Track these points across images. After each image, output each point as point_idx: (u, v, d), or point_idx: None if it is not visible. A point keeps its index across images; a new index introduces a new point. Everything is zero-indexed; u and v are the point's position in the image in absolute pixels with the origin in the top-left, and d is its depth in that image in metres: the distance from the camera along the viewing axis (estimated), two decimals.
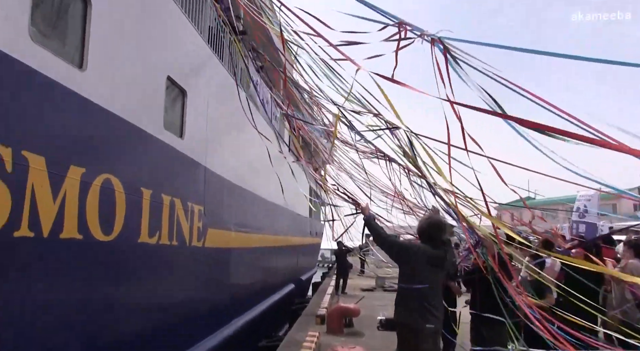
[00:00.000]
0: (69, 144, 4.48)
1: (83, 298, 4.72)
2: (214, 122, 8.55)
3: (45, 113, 4.18)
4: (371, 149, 9.46)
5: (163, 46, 6.62)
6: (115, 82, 5.31)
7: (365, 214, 5.22)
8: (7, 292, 3.74)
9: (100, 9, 5.00)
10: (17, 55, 3.80)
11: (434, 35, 4.32)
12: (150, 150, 6.07)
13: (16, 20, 3.87)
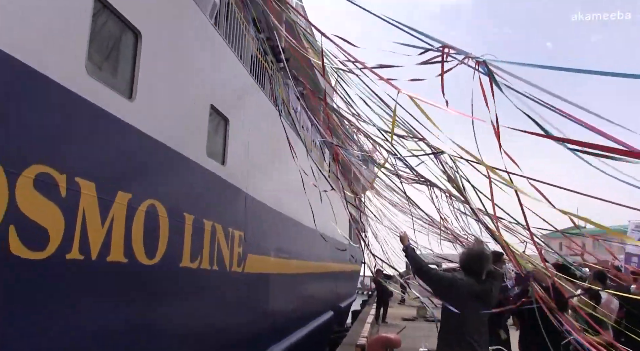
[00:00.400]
0: (117, 171, 4.68)
1: (126, 320, 4.85)
2: (255, 149, 8.73)
3: (96, 141, 4.39)
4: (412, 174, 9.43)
5: (207, 76, 6.87)
6: (161, 111, 5.54)
7: (404, 244, 5.07)
8: (57, 313, 3.90)
9: (150, 41, 5.25)
10: (73, 88, 4.04)
11: (478, 58, 4.34)
12: (193, 177, 6.25)
13: (75, 55, 4.12)
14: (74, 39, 4.14)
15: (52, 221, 3.75)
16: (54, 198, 3.79)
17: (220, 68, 7.45)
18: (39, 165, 3.66)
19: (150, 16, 5.34)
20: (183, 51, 6.16)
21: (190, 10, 6.36)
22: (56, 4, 3.95)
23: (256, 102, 9.11)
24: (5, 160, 3.35)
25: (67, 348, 4.04)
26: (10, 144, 3.45)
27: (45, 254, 3.70)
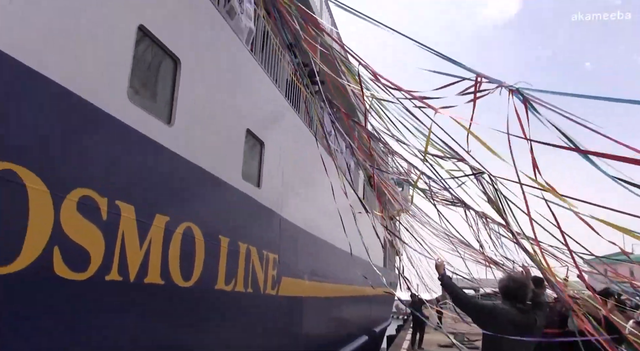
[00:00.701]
0: (155, 194, 4.80)
1: (162, 341, 4.91)
2: (290, 171, 8.81)
3: (136, 165, 4.53)
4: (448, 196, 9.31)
5: (243, 100, 7.01)
6: (199, 135, 5.67)
7: (439, 272, 4.93)
8: (96, 332, 3.98)
9: (188, 67, 5.42)
10: (116, 114, 4.19)
11: (512, 86, 4.34)
12: (229, 200, 6.35)
13: (118, 82, 4.29)
14: (117, 66, 4.31)
15: (94, 243, 3.87)
16: (96, 221, 3.91)
17: (256, 92, 7.59)
18: (82, 189, 3.79)
19: (189, 43, 5.51)
20: (220, 76, 6.32)
21: (227, 36, 6.54)
22: (102, 33, 4.12)
23: (291, 125, 9.22)
24: (52, 184, 3.49)
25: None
26: (56, 169, 3.59)
27: (86, 275, 3.81)
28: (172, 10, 5.28)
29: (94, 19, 4.04)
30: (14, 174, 3.20)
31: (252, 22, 7.41)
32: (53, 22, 3.62)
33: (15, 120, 3.29)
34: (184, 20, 5.51)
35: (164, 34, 5.00)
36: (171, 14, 5.25)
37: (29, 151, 3.38)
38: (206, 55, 5.97)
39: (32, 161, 3.36)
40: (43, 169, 3.44)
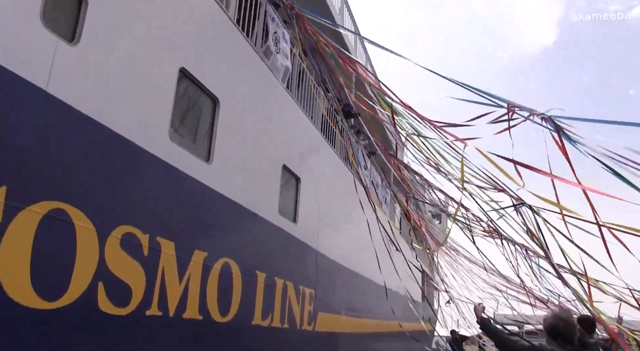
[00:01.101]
0: (194, 230, 4.92)
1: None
2: (326, 206, 8.87)
3: (177, 202, 4.67)
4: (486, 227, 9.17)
5: (280, 137, 7.17)
6: (236, 172, 5.82)
7: (477, 316, 4.76)
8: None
9: (227, 106, 5.60)
10: (157, 153, 4.36)
11: (544, 114, 4.32)
12: (266, 235, 6.43)
13: (160, 122, 4.48)
14: (159, 108, 4.51)
15: (135, 278, 3.99)
16: (138, 257, 4.04)
17: (292, 128, 7.75)
18: (126, 226, 3.94)
19: (227, 83, 5.72)
20: (257, 114, 6.50)
21: (264, 75, 6.75)
22: (145, 76, 4.34)
23: (327, 160, 9.32)
24: (97, 222, 3.64)
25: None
26: (102, 206, 3.75)
27: (128, 310, 3.91)
28: (212, 52, 5.51)
29: (138, 62, 4.27)
30: (64, 213, 3.36)
31: (289, 60, 7.63)
32: (100, 66, 3.85)
33: (65, 162, 3.48)
34: (223, 62, 5.73)
35: (203, 75, 5.21)
36: (211, 56, 5.47)
37: (78, 190, 3.55)
38: (244, 94, 6.16)
39: (80, 200, 3.53)
40: (90, 207, 3.60)
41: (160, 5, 4.61)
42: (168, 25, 4.71)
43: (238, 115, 5.95)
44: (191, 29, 5.13)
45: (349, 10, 12.99)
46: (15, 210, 3.02)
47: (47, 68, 3.32)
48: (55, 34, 3.42)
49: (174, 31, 4.81)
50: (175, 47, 4.80)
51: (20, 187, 3.08)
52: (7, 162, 3.04)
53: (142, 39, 4.34)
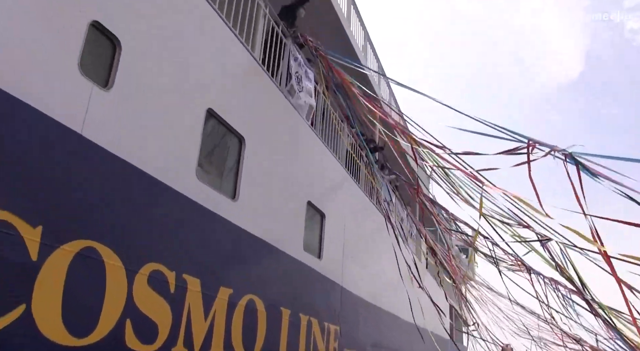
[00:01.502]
0: (220, 267, 5.00)
1: None
2: (351, 242, 8.87)
3: (203, 239, 4.77)
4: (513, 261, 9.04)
5: (304, 173, 7.27)
6: (262, 209, 5.91)
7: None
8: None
9: (252, 145, 5.74)
10: (184, 191, 4.49)
11: (564, 150, 4.34)
12: (290, 271, 6.46)
13: (187, 161, 4.63)
14: (186, 148, 4.66)
15: (162, 315, 4.06)
16: (164, 294, 4.12)
17: (317, 165, 7.86)
18: (153, 263, 4.03)
19: (252, 122, 5.87)
20: (282, 151, 6.63)
21: (288, 113, 6.91)
22: (173, 118, 4.51)
23: (351, 195, 9.37)
24: (126, 259, 3.75)
25: None
26: (130, 244, 3.86)
27: (154, 347, 3.97)
28: (238, 92, 5.69)
29: (167, 104, 4.44)
30: (95, 251, 3.48)
31: (312, 98, 7.79)
32: (131, 109, 4.02)
33: (96, 201, 3.61)
34: (248, 101, 5.90)
35: (229, 115, 5.37)
36: (236, 96, 5.65)
37: (108, 228, 3.67)
38: (269, 132, 6.31)
39: (110, 238, 3.65)
40: (119, 245, 3.72)
41: (189, 48, 4.82)
42: (196, 67, 4.91)
43: (263, 152, 6.08)
44: (218, 71, 5.33)
45: (371, 47, 13.23)
46: (49, 248, 3.14)
47: (83, 113, 3.50)
48: (91, 80, 3.61)
49: (202, 73, 5.01)
50: (202, 89, 4.98)
51: (54, 226, 3.22)
52: (44, 202, 3.19)
53: (172, 82, 4.52)
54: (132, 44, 4.02)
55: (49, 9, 3.35)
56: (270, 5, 6.83)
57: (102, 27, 3.74)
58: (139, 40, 4.12)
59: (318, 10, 9.47)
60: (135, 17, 4.11)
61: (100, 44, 3.80)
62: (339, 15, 9.98)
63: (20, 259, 2.98)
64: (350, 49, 10.75)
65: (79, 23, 3.56)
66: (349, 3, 11.16)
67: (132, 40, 4.02)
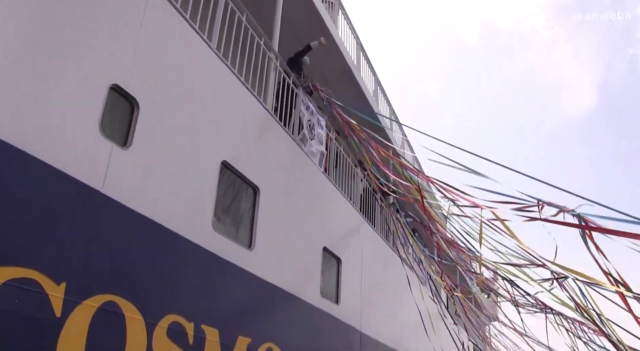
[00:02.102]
0: (238, 316, 5.06)
1: None
2: (368, 286, 8.85)
3: (220, 290, 4.85)
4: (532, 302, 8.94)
5: (319, 220, 7.37)
6: (278, 257, 5.99)
7: None
8: None
9: (267, 194, 5.88)
10: (201, 243, 4.61)
11: (573, 211, 4.49)
12: (308, 318, 6.48)
13: (204, 214, 4.77)
14: (203, 200, 4.81)
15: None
16: (183, 345, 4.18)
17: (331, 211, 7.95)
18: (172, 315, 4.12)
19: (266, 172, 6.03)
20: (296, 199, 6.76)
21: (301, 161, 7.07)
22: (189, 171, 4.68)
23: (367, 239, 9.40)
24: (146, 312, 3.84)
25: None
26: (150, 297, 3.96)
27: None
28: (251, 143, 5.88)
29: (183, 159, 4.62)
30: (115, 305, 3.58)
31: (324, 145, 7.97)
32: (148, 166, 4.20)
33: (117, 256, 3.74)
34: (262, 151, 6.08)
35: (243, 166, 5.54)
36: (250, 147, 5.83)
37: (128, 282, 3.78)
38: (282, 181, 6.46)
39: (130, 291, 3.75)
40: (139, 298, 3.82)
41: (203, 104, 5.04)
42: (211, 122, 5.12)
43: (277, 201, 6.21)
44: (232, 124, 5.53)
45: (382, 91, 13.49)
46: (73, 304, 3.26)
47: (103, 171, 3.67)
48: (110, 140, 3.80)
49: (216, 127, 5.21)
50: (217, 142, 5.17)
51: (77, 282, 3.34)
52: (68, 259, 3.32)
53: (187, 137, 4.72)
54: (150, 103, 4.23)
55: (73, 74, 3.58)
56: (280, 58, 7.11)
57: (121, 89, 3.97)
58: (156, 99, 4.34)
59: (329, 58, 9.80)
60: (153, 78, 4.35)
61: (120, 105, 4.01)
62: (348, 62, 10.28)
63: (45, 316, 3.09)
64: (361, 94, 11.02)
65: (100, 86, 3.79)
66: (358, 50, 11.51)
67: (150, 100, 4.23)
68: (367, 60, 12.12)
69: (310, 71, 8.56)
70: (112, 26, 3.99)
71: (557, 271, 6.03)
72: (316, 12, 8.94)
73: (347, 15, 10.94)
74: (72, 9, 3.64)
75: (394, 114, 14.25)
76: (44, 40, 3.40)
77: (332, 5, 10.55)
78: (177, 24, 4.75)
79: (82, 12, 3.72)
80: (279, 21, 7.51)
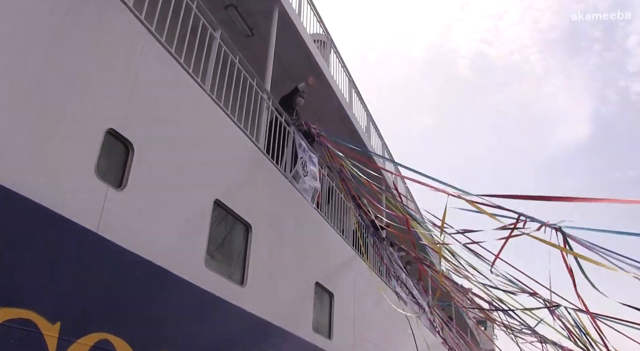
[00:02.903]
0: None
1: None
2: (361, 320, 8.89)
3: (213, 325, 4.93)
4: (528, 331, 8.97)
5: (311, 255, 7.48)
6: (270, 293, 6.08)
7: None
8: None
9: (259, 231, 6.00)
10: (194, 280, 4.72)
11: (554, 225, 4.63)
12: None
13: (196, 252, 4.89)
14: (195, 238, 4.94)
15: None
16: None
17: (323, 246, 8.07)
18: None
19: (258, 209, 6.17)
20: (288, 235, 6.88)
21: (293, 198, 7.22)
22: (182, 210, 4.82)
23: (360, 274, 9.48)
24: (138, 349, 3.92)
25: None
26: (142, 335, 4.05)
27: None
28: (244, 182, 6.04)
29: (177, 199, 4.77)
30: (108, 343, 3.67)
31: (317, 181, 8.13)
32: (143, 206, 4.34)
33: (111, 296, 3.85)
34: (254, 189, 6.24)
35: (236, 204, 5.68)
36: (242, 186, 5.99)
37: (121, 321, 3.88)
38: (275, 218, 6.60)
39: (123, 329, 3.84)
40: (131, 336, 3.90)
41: (196, 144, 5.21)
42: (203, 162, 5.29)
43: (269, 238, 6.34)
44: (225, 164, 5.70)
45: (375, 127, 13.76)
46: (67, 343, 3.35)
47: (98, 213, 3.81)
48: (106, 183, 3.95)
49: (209, 167, 5.37)
50: (210, 182, 5.33)
51: (72, 321, 3.44)
52: (62, 300, 3.43)
53: (180, 177, 4.88)
54: (144, 145, 4.40)
55: (70, 119, 3.75)
56: (273, 97, 7.34)
57: (116, 133, 4.14)
58: (150, 141, 4.51)
59: (321, 97, 10.08)
60: (147, 121, 4.54)
61: (115, 148, 4.18)
62: (340, 99, 10.56)
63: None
64: (354, 131, 11.27)
65: (97, 131, 3.96)
66: (350, 87, 11.81)
67: (144, 143, 4.41)
68: (359, 97, 12.42)
69: (302, 110, 8.80)
70: (110, 73, 4.20)
71: (549, 300, 6.13)
72: (308, 51, 9.25)
73: (338, 53, 11.28)
74: (71, 57, 3.85)
75: (386, 149, 14.49)
76: (44, 87, 3.58)
77: (323, 44, 10.89)
78: (172, 68, 4.98)
79: (80, 61, 3.92)
80: (272, 62, 7.77)
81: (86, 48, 4.00)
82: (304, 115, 9.16)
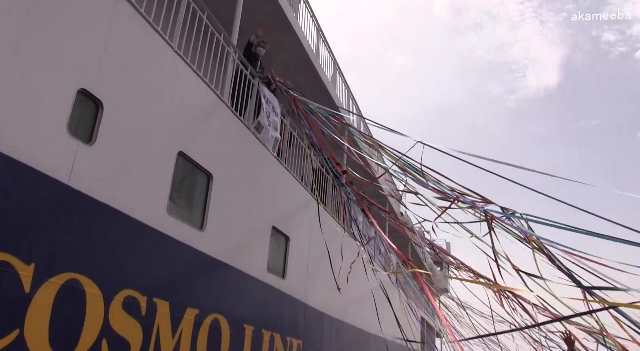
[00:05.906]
0: (188, 290, 5.70)
1: None
2: (316, 262, 9.60)
3: (172, 267, 5.47)
4: None
5: (269, 201, 8.01)
6: (228, 237, 6.63)
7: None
8: None
9: (219, 179, 6.46)
10: (156, 226, 5.20)
11: (482, 208, 5.21)
12: (254, 291, 7.18)
13: (159, 200, 5.34)
14: (159, 187, 5.38)
15: (134, 335, 4.74)
16: (136, 316, 4.81)
17: (282, 192, 8.60)
18: (128, 290, 4.73)
19: (220, 159, 6.60)
20: (248, 183, 7.37)
21: (255, 147, 7.65)
22: (147, 161, 5.22)
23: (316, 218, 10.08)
24: (104, 288, 4.44)
25: None
26: (108, 274, 4.56)
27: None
28: (207, 134, 6.41)
29: (142, 151, 5.16)
30: (77, 282, 4.17)
31: (278, 131, 8.53)
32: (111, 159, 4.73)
33: (81, 240, 4.31)
34: (217, 141, 6.64)
35: (199, 155, 6.09)
36: (206, 138, 6.37)
37: (89, 262, 4.36)
38: (235, 167, 7.05)
39: (90, 270, 4.34)
40: (98, 276, 4.41)
41: (162, 98, 5.54)
42: (168, 115, 5.63)
43: (230, 186, 6.81)
44: (189, 117, 6.05)
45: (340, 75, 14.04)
46: (40, 282, 3.84)
47: (70, 166, 4.20)
48: (77, 138, 4.32)
49: (174, 120, 5.73)
50: (174, 136, 5.70)
51: (45, 263, 3.91)
52: (37, 244, 3.88)
53: (146, 131, 5.24)
54: (113, 103, 4.73)
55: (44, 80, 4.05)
56: (239, 51, 7.59)
57: (88, 92, 4.46)
58: (119, 99, 4.84)
59: (288, 45, 10.30)
60: (116, 80, 4.84)
61: (86, 106, 4.51)
62: (307, 50, 10.79)
63: (16, 292, 3.67)
64: (319, 81, 11.57)
65: (69, 91, 4.28)
66: (318, 36, 11.99)
67: (113, 101, 4.74)
68: (327, 46, 12.62)
69: (270, 61, 9.05)
70: (81, 34, 4.45)
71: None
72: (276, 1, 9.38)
73: (308, 2, 11.37)
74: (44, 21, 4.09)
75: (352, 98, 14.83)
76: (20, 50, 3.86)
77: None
78: (141, 27, 5.22)
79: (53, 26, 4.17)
80: (239, 16, 7.96)
81: (59, 11, 4.24)
82: (273, 65, 9.41)
